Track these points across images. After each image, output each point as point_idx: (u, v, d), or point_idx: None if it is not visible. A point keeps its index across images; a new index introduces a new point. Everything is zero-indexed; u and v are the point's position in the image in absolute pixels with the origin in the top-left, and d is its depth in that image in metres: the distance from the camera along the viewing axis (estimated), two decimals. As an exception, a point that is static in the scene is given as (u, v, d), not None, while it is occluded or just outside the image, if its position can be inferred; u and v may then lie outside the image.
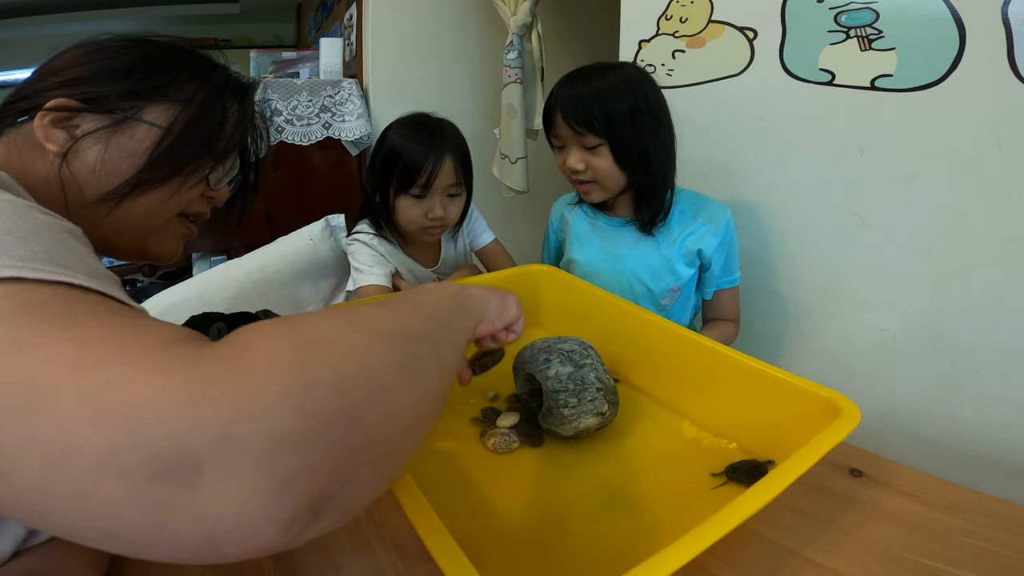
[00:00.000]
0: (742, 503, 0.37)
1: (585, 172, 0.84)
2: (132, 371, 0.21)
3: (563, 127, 0.82)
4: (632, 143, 0.81)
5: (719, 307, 0.96)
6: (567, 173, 0.88)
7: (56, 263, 0.26)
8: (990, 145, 0.75)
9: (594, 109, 0.79)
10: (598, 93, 0.80)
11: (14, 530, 0.35)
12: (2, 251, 0.25)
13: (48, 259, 0.26)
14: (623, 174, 0.83)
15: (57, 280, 0.25)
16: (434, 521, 0.37)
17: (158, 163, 0.47)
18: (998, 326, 0.78)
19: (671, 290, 0.92)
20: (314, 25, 3.09)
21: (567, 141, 0.84)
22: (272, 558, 0.44)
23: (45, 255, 0.26)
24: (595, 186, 0.86)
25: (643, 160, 0.82)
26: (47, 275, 0.25)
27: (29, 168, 0.43)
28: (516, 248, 1.17)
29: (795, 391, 0.54)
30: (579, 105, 0.80)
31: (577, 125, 0.80)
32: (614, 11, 1.21)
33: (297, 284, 1.21)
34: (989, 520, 0.46)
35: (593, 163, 0.83)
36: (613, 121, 0.79)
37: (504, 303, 0.51)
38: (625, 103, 0.79)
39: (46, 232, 0.28)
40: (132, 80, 0.46)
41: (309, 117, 1.81)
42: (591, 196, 0.88)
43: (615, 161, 0.82)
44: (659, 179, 0.85)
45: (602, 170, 0.83)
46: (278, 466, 0.21)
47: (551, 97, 0.85)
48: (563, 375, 0.56)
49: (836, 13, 0.86)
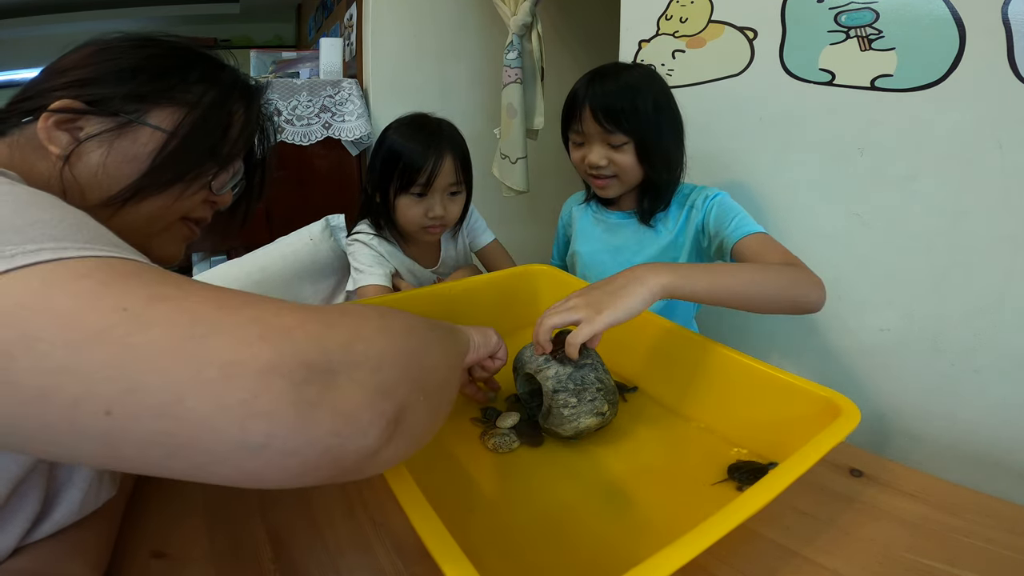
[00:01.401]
0: (742, 503, 0.37)
1: (607, 168, 0.85)
2: (273, 307, 0.28)
3: (591, 123, 0.82)
4: (655, 140, 0.82)
5: (750, 259, 0.76)
6: (585, 168, 0.88)
7: (112, 244, 0.29)
8: (990, 145, 0.75)
9: (624, 105, 0.80)
10: (626, 90, 0.81)
11: (15, 529, 0.35)
12: (66, 236, 0.27)
13: (105, 242, 0.28)
14: (641, 170, 0.84)
15: (124, 257, 0.28)
16: (434, 521, 0.36)
17: (161, 168, 0.46)
18: (998, 326, 0.78)
19: None
20: (314, 25, 3.09)
21: (591, 137, 0.84)
22: (273, 559, 0.44)
23: (97, 239, 0.28)
24: (614, 181, 0.87)
25: (663, 156, 0.84)
26: (114, 253, 0.28)
27: (32, 169, 0.42)
28: (516, 248, 1.17)
29: (795, 391, 0.54)
30: (609, 101, 0.81)
31: (607, 122, 0.81)
32: (614, 11, 1.21)
33: (297, 284, 1.21)
34: (989, 520, 0.46)
35: (616, 159, 0.84)
36: (641, 118, 0.81)
37: (484, 334, 0.54)
38: (650, 100, 0.81)
39: (87, 220, 0.30)
40: (137, 82, 0.46)
41: (309, 117, 1.81)
42: (608, 191, 0.89)
43: (637, 157, 0.83)
44: (673, 175, 0.87)
45: (624, 166, 0.84)
46: (382, 374, 0.29)
47: (576, 95, 0.85)
48: (563, 375, 0.56)
49: (836, 13, 0.86)
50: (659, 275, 0.57)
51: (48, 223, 0.27)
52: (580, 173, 0.91)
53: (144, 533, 0.46)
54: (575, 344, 0.54)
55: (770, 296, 0.63)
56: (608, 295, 0.56)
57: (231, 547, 0.45)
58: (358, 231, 1.00)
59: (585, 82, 0.85)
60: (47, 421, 0.23)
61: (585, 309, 0.55)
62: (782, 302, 0.64)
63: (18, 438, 0.24)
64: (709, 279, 0.60)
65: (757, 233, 0.77)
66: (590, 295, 0.56)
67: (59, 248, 0.26)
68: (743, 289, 0.61)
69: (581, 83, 0.85)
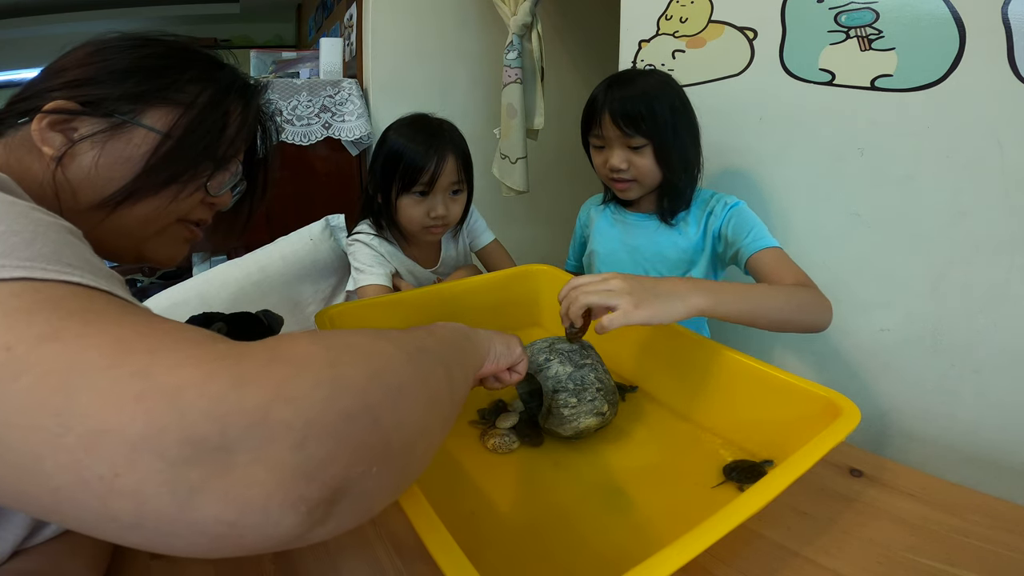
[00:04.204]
0: (742, 503, 0.37)
1: (628, 171, 0.86)
2: (176, 358, 0.22)
3: (611, 128, 0.84)
4: (673, 143, 0.84)
5: (765, 274, 0.79)
6: (606, 172, 0.89)
7: (63, 263, 0.26)
8: (990, 145, 0.74)
9: (642, 110, 0.82)
10: (644, 95, 0.83)
11: (13, 531, 0.35)
12: (10, 252, 0.25)
13: (56, 259, 0.26)
14: (661, 172, 0.86)
15: (66, 280, 0.25)
16: (434, 521, 0.37)
17: (155, 170, 0.45)
18: (998, 326, 0.78)
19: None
20: (314, 25, 3.09)
21: (612, 142, 0.86)
22: (272, 559, 0.44)
23: (52, 255, 0.26)
24: (635, 184, 0.88)
25: (681, 158, 0.85)
26: (56, 275, 0.25)
27: (27, 171, 0.42)
28: (516, 248, 1.17)
29: (795, 391, 0.54)
30: (629, 106, 0.82)
31: (626, 126, 0.82)
32: (614, 11, 1.21)
33: (297, 284, 1.21)
34: (989, 520, 0.46)
35: (635, 162, 0.85)
36: (659, 121, 0.82)
37: (508, 345, 0.51)
38: (667, 104, 0.83)
39: (51, 233, 0.28)
40: (132, 82, 0.45)
41: (309, 117, 1.81)
42: (629, 193, 0.90)
43: (656, 160, 0.84)
44: (690, 177, 0.89)
45: (644, 169, 0.85)
46: (308, 451, 0.22)
47: (595, 100, 0.87)
48: (563, 375, 0.56)
49: (836, 13, 0.86)
50: (699, 296, 0.58)
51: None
52: (601, 177, 0.92)
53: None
54: (609, 328, 0.53)
55: (789, 320, 0.67)
56: (652, 295, 0.55)
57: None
58: (358, 231, 1.00)
59: (604, 88, 0.86)
60: None
61: (626, 297, 0.54)
62: (796, 324, 0.69)
63: None
64: (740, 304, 0.63)
65: (772, 248, 0.81)
66: (633, 285, 0.56)
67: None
68: (769, 314, 0.65)
69: (600, 89, 0.87)
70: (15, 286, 0.24)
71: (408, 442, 0.28)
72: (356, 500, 0.25)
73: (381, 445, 0.26)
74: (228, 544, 0.22)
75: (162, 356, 0.22)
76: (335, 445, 0.23)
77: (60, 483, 0.20)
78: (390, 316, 0.78)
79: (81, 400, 0.21)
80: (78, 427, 0.20)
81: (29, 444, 0.20)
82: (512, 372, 0.53)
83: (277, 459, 0.22)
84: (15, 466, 0.21)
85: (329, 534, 0.24)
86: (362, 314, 0.76)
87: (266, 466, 0.21)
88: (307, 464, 0.22)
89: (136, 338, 0.23)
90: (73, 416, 0.20)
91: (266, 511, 0.21)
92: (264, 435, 0.22)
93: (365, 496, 0.25)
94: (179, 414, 0.21)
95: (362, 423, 0.25)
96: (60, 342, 0.22)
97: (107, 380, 0.21)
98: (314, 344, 0.26)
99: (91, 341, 0.22)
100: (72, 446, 0.20)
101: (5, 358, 0.21)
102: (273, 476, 0.22)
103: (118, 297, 0.27)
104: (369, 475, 0.25)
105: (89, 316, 0.24)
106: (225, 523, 0.21)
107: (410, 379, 0.30)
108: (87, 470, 0.20)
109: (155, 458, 0.20)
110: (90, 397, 0.21)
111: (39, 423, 0.20)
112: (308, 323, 1.17)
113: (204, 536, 0.21)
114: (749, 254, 0.80)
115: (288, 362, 0.24)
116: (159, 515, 0.21)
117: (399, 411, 0.28)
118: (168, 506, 0.20)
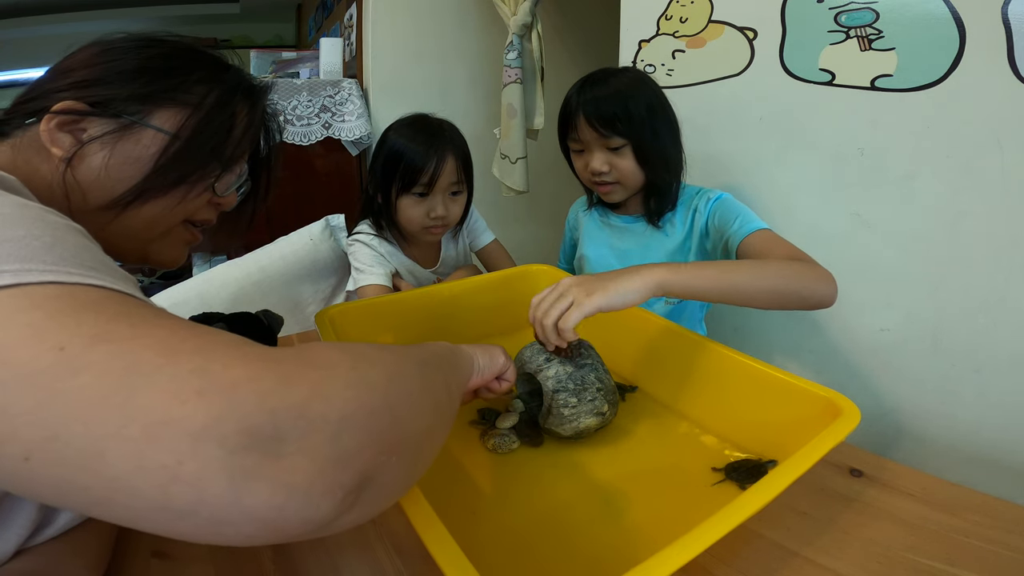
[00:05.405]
0: (742, 503, 0.37)
1: (609, 173, 0.85)
2: (224, 357, 0.24)
3: (586, 130, 0.82)
4: (651, 142, 0.82)
5: (756, 256, 0.76)
6: (588, 176, 0.88)
7: (85, 266, 0.27)
8: (990, 145, 0.74)
9: (616, 110, 0.80)
10: (618, 94, 0.81)
11: (16, 531, 0.35)
12: (33, 256, 0.26)
13: (77, 263, 0.27)
14: (642, 173, 0.84)
15: (91, 283, 0.26)
16: (434, 521, 0.37)
17: (164, 170, 0.45)
18: (998, 326, 0.78)
19: None
20: (314, 25, 3.10)
21: (590, 144, 0.84)
22: (272, 558, 0.44)
23: (73, 259, 0.27)
24: (618, 187, 0.87)
25: (661, 158, 0.84)
26: (80, 278, 0.26)
27: (35, 172, 0.42)
28: (516, 248, 1.17)
29: (795, 391, 0.54)
30: (603, 106, 0.81)
31: (602, 127, 0.81)
32: (614, 11, 1.21)
33: (297, 284, 1.21)
34: (989, 520, 0.46)
35: (617, 164, 0.84)
36: (635, 120, 0.81)
37: (491, 356, 0.52)
38: (643, 102, 0.81)
39: (68, 236, 0.29)
40: (140, 83, 0.45)
41: (309, 117, 1.81)
42: (613, 196, 0.89)
43: (636, 160, 0.83)
44: (674, 175, 0.87)
45: (625, 170, 0.84)
46: (342, 442, 0.25)
47: (569, 103, 0.85)
48: (563, 375, 0.56)
49: (836, 13, 0.86)
50: (656, 270, 0.57)
51: (18, 241, 0.26)
52: (583, 181, 0.91)
53: (144, 533, 0.46)
54: (567, 329, 0.54)
55: (774, 290, 0.63)
56: (604, 281, 0.56)
57: (231, 547, 0.45)
58: (359, 231, 1.00)
59: (576, 89, 0.85)
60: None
61: (574, 290, 0.55)
62: (788, 296, 0.63)
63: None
64: (708, 274, 0.60)
65: (761, 230, 0.77)
66: (584, 279, 0.57)
67: (22, 271, 0.25)
68: (745, 284, 0.61)
69: (573, 91, 0.85)
70: (49, 289, 0.25)
71: (418, 439, 0.32)
72: (377, 489, 0.27)
73: (398, 438, 0.29)
74: (272, 529, 0.23)
75: (211, 355, 0.24)
76: (364, 437, 0.26)
77: (119, 472, 0.22)
78: (390, 316, 0.78)
79: (143, 395, 0.22)
80: (141, 419, 0.22)
81: (91, 438, 0.22)
82: (501, 381, 0.54)
83: (317, 449, 0.24)
84: (70, 460, 0.22)
85: (353, 522, 0.27)
86: (362, 314, 0.76)
87: (308, 455, 0.24)
88: (342, 453, 0.25)
89: (177, 340, 0.25)
90: (136, 409, 0.22)
91: (309, 495, 0.24)
92: (306, 427, 0.24)
93: (384, 486, 0.28)
94: (235, 407, 0.23)
95: (384, 419, 0.28)
96: (113, 343, 0.23)
97: (166, 377, 0.23)
98: (335, 351, 0.29)
99: (143, 342, 0.24)
100: (136, 436, 0.22)
101: (59, 357, 0.22)
102: (314, 464, 0.24)
103: (138, 299, 0.27)
104: (389, 465, 0.28)
105: (133, 319, 0.25)
106: (275, 507, 0.23)
107: (418, 384, 0.33)
108: (149, 459, 0.22)
109: (216, 446, 0.22)
110: (151, 392, 0.22)
111: (101, 416, 0.22)
112: (308, 323, 1.18)
113: (253, 522, 0.23)
114: (738, 241, 0.78)
115: (319, 366, 0.27)
116: (216, 500, 0.22)
117: (412, 410, 0.31)
118: (226, 491, 0.22)
